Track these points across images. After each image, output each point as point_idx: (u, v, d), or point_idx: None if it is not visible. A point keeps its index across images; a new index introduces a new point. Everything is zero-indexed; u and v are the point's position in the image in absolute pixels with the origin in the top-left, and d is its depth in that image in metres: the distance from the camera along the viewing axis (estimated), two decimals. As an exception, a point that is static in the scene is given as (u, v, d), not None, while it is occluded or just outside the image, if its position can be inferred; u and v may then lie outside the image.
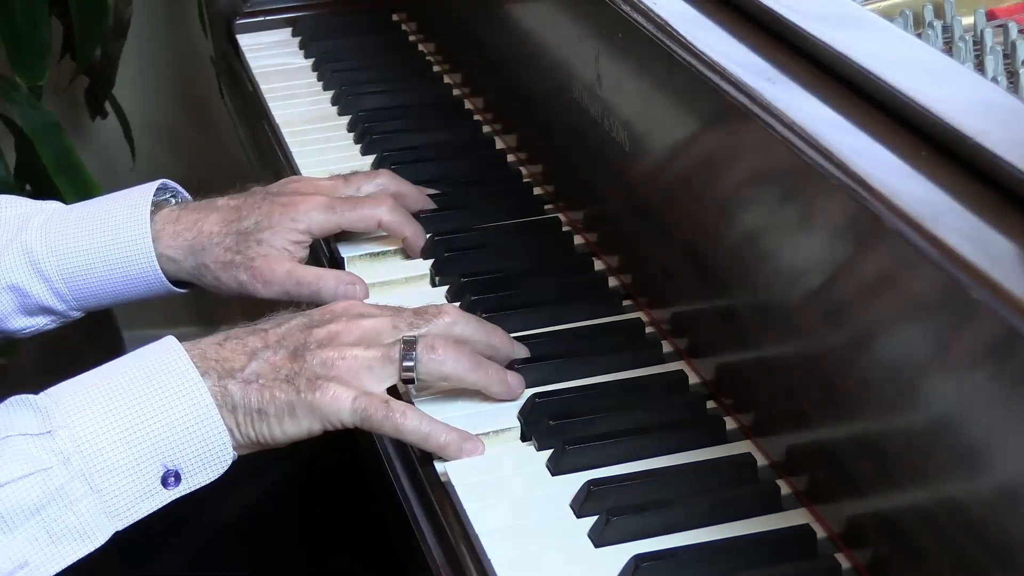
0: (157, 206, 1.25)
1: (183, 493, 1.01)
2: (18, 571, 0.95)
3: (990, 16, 1.14)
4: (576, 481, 0.98)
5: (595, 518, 0.94)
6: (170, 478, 0.99)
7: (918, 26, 1.13)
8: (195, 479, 1.01)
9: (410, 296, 1.20)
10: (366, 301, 1.20)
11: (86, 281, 1.23)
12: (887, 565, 0.87)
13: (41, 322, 1.27)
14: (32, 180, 2.22)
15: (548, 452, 1.02)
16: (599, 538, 0.93)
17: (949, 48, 1.09)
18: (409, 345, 1.03)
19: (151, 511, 1.00)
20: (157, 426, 0.98)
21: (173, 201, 1.28)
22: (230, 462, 1.02)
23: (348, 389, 1.01)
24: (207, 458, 1.00)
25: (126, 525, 0.99)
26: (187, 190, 1.32)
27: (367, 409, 1.01)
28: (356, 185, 1.28)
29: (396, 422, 1.01)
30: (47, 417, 0.97)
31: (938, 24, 1.11)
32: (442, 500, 1.00)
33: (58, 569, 0.97)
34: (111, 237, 1.22)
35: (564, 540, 0.94)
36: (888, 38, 0.98)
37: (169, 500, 1.00)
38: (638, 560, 0.90)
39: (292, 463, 1.35)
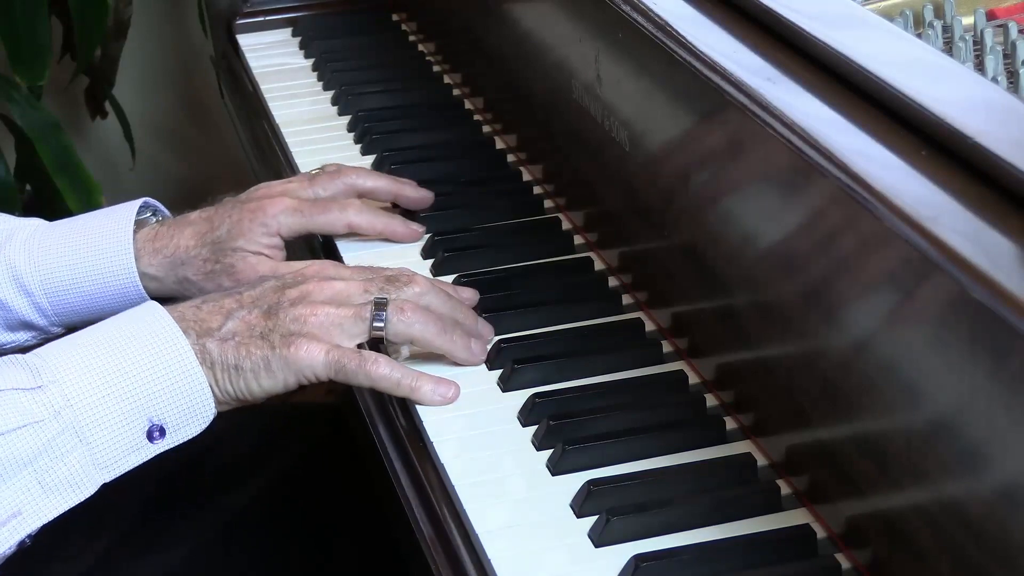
0: (138, 225, 1.26)
1: (168, 447, 1.04)
2: (11, 520, 0.98)
3: (990, 16, 1.14)
4: (576, 481, 0.98)
5: (595, 518, 0.94)
6: (155, 432, 1.03)
7: (918, 26, 1.13)
8: (179, 433, 1.05)
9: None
10: None
11: (68, 296, 1.23)
12: (887, 565, 0.87)
13: (22, 337, 1.27)
14: (32, 180, 2.22)
15: (548, 452, 1.02)
16: (599, 538, 0.93)
17: (949, 48, 1.09)
18: (380, 306, 1.08)
19: (137, 464, 1.03)
20: (142, 382, 1.02)
21: (153, 220, 1.29)
22: (212, 417, 1.06)
23: (321, 343, 1.06)
24: (190, 412, 1.04)
25: (114, 477, 1.02)
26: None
27: (340, 360, 1.06)
28: (320, 186, 1.29)
29: (368, 370, 1.06)
30: (37, 373, 1.00)
31: (938, 24, 1.11)
32: (442, 500, 1.00)
33: (49, 518, 1.00)
34: (94, 254, 1.23)
35: (564, 540, 0.94)
36: (888, 38, 0.98)
37: (155, 454, 1.04)
38: (638, 560, 0.90)
39: (293, 461, 1.36)
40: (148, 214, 1.29)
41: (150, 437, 1.03)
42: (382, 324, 1.07)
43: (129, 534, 1.26)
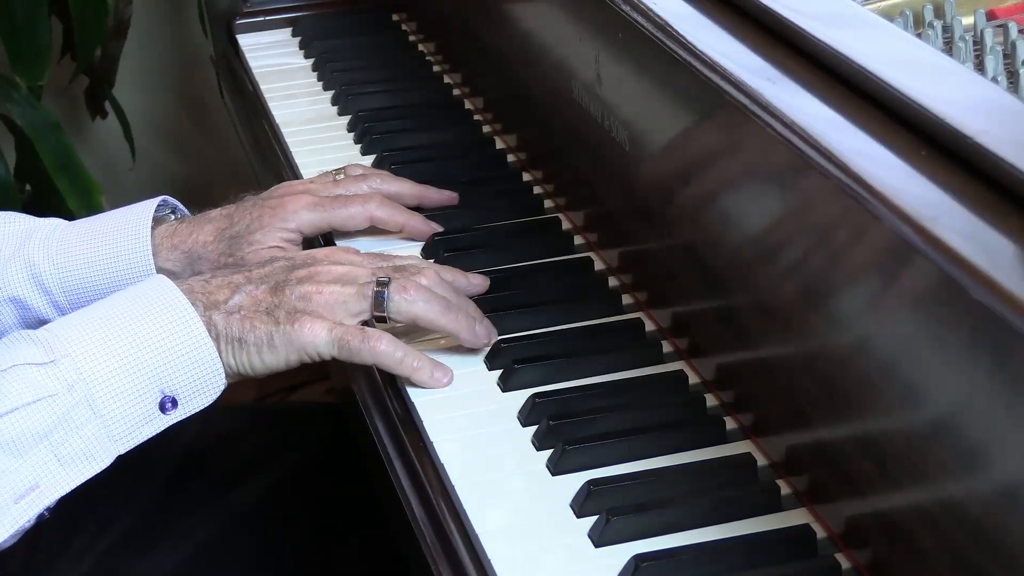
0: (157, 221, 1.26)
1: (180, 418, 1.05)
2: (30, 493, 0.99)
3: (990, 16, 1.14)
4: (576, 481, 0.98)
5: (595, 518, 0.94)
6: (167, 403, 1.04)
7: (918, 26, 1.13)
8: (190, 404, 1.05)
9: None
10: None
11: (86, 294, 1.24)
12: (887, 565, 0.87)
13: None
14: (32, 180, 2.22)
15: (548, 452, 1.02)
16: (599, 538, 0.93)
17: (949, 48, 1.09)
18: (382, 285, 1.09)
19: (151, 435, 1.04)
20: (153, 353, 1.03)
21: (173, 217, 1.29)
22: (222, 388, 1.06)
23: (324, 322, 1.07)
24: (201, 383, 1.05)
25: (128, 448, 1.03)
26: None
27: (344, 337, 1.07)
28: (343, 188, 1.30)
29: (372, 346, 1.07)
30: (49, 348, 1.01)
31: (938, 24, 1.11)
32: (442, 500, 1.00)
33: (66, 490, 1.01)
34: (112, 250, 1.24)
35: (564, 540, 0.94)
36: (888, 38, 0.98)
37: (167, 425, 1.05)
38: (638, 560, 0.90)
39: (293, 461, 1.36)
40: (167, 212, 1.30)
41: (162, 408, 1.04)
42: (384, 302, 1.08)
43: (131, 534, 1.27)
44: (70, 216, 1.94)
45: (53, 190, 2.09)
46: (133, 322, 1.04)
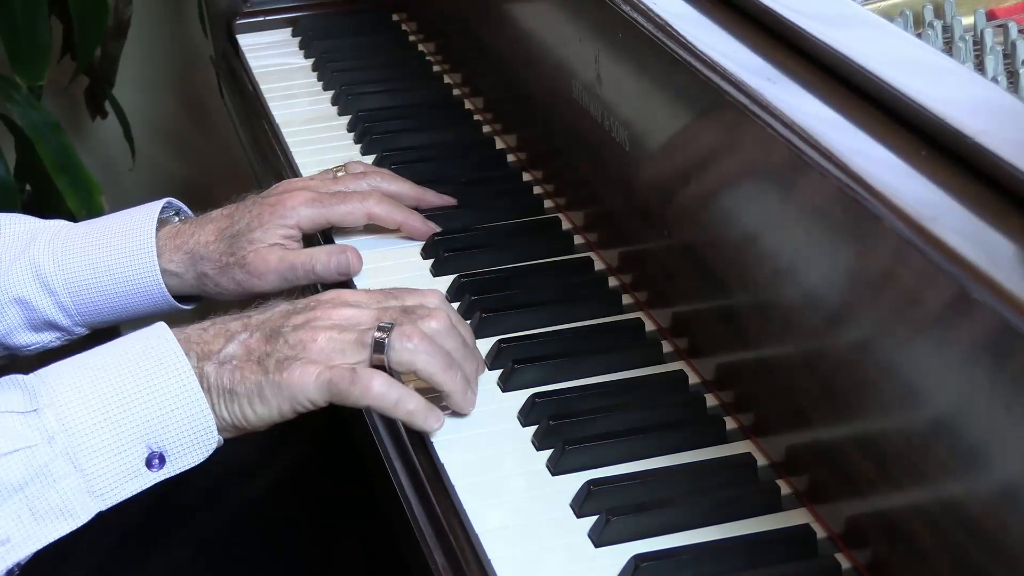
0: (161, 223, 1.26)
1: (167, 476, 1.01)
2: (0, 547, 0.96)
3: (990, 16, 1.14)
4: (576, 481, 0.98)
5: (595, 518, 0.94)
6: (154, 460, 1.00)
7: (918, 26, 1.13)
8: (179, 462, 1.01)
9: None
10: (356, 282, 1.23)
11: (91, 294, 1.24)
12: (887, 565, 0.87)
13: (46, 338, 1.27)
14: (32, 180, 2.22)
15: (548, 452, 1.02)
16: (599, 538, 0.93)
17: (949, 48, 1.09)
18: (384, 331, 1.02)
19: (135, 492, 1.00)
20: (142, 406, 0.99)
21: (176, 219, 1.29)
22: (215, 445, 1.03)
23: (315, 366, 1.01)
24: (192, 440, 1.01)
25: (109, 505, 0.99)
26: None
27: (332, 379, 1.01)
28: (343, 185, 1.30)
29: (364, 386, 1.01)
30: (35, 396, 0.98)
31: (938, 24, 1.11)
32: (442, 500, 1.00)
33: (39, 547, 0.97)
34: (117, 252, 1.24)
35: (564, 540, 0.94)
36: (888, 38, 0.98)
37: (153, 483, 1.01)
38: (638, 560, 0.90)
39: (293, 461, 1.36)
40: (171, 213, 1.30)
41: (149, 465, 1.00)
42: (384, 350, 1.02)
43: (130, 536, 1.26)
44: (70, 216, 1.94)
45: (53, 190, 2.09)
46: (124, 373, 1.00)
